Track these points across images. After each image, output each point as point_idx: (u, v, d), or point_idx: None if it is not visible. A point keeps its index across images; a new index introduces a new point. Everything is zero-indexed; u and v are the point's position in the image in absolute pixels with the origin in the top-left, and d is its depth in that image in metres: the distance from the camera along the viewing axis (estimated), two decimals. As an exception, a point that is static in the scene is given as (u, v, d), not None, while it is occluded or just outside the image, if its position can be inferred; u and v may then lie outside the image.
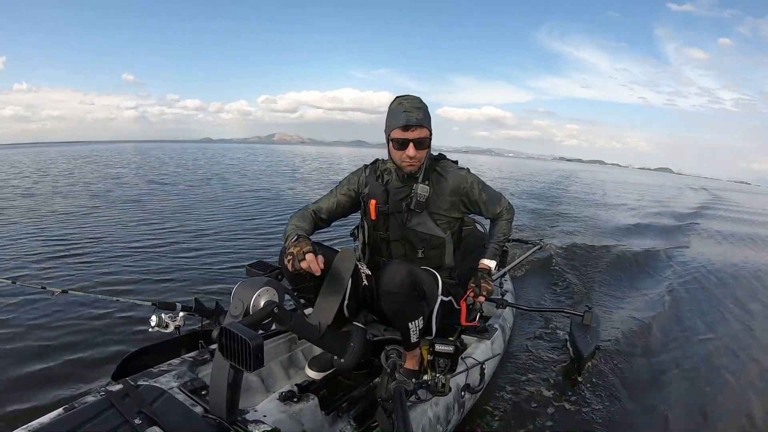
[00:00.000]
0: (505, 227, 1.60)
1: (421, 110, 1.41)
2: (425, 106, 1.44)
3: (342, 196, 1.60)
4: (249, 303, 1.07)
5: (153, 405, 1.06)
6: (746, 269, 4.89)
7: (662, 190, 22.49)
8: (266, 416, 1.15)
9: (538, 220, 7.59)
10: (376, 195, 1.54)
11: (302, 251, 1.25)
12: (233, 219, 6.40)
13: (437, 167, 1.54)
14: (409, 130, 1.40)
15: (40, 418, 1.01)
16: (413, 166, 1.47)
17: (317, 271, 1.23)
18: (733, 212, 12.21)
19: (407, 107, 1.41)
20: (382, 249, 1.59)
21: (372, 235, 1.59)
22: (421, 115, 1.41)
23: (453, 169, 1.55)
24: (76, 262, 3.85)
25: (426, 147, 1.45)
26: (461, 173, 1.54)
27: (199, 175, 14.09)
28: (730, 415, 2.03)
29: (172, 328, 1.45)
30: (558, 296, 3.59)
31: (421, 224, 1.51)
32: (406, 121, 1.39)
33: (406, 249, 1.55)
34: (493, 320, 2.08)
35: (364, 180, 1.60)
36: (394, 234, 1.54)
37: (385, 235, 1.56)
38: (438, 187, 1.51)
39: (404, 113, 1.40)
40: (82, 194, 8.49)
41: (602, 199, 13.48)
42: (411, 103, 1.42)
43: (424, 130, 1.42)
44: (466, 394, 1.59)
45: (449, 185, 1.52)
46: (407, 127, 1.40)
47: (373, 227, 1.57)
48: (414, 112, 1.40)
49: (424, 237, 1.51)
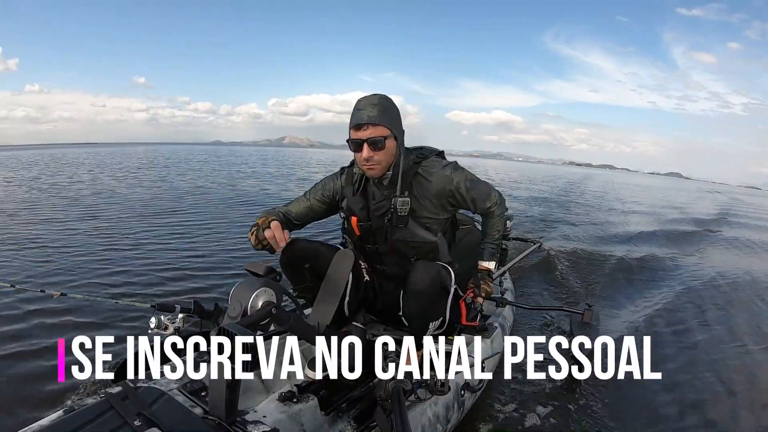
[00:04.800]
0: (498, 224, 1.54)
1: (377, 107, 1.30)
2: (386, 102, 1.32)
3: (315, 201, 1.53)
4: (247, 304, 1.07)
5: (152, 406, 1.07)
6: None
7: (677, 193, 22.52)
8: (266, 417, 1.15)
9: (545, 222, 7.57)
10: (356, 211, 1.47)
11: (267, 221, 1.20)
12: (232, 220, 6.40)
13: (419, 170, 1.42)
14: (361, 129, 1.30)
15: (40, 421, 1.01)
16: (373, 170, 1.36)
17: (281, 240, 1.18)
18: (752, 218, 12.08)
19: (360, 106, 1.31)
20: (374, 259, 1.56)
21: (360, 247, 1.55)
22: (375, 112, 1.29)
23: (437, 169, 1.43)
24: (75, 264, 3.85)
25: (382, 148, 1.32)
26: (446, 173, 1.42)
27: (203, 177, 14.09)
28: (730, 420, 2.03)
29: (171, 329, 1.44)
30: (558, 295, 3.59)
31: (409, 234, 1.44)
32: (356, 120, 1.30)
33: (398, 258, 1.51)
34: (492, 319, 2.08)
35: (340, 188, 1.51)
36: (383, 247, 1.50)
37: (373, 248, 1.52)
38: (421, 193, 1.41)
39: (356, 112, 1.31)
40: (84, 196, 8.48)
41: (615, 203, 13.45)
42: (366, 101, 1.31)
43: (378, 129, 1.30)
44: (466, 393, 1.59)
45: (433, 187, 1.42)
46: (359, 126, 1.30)
47: (359, 240, 1.52)
48: (366, 110, 1.29)
49: (415, 245, 1.46)
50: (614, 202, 13.44)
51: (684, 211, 12.09)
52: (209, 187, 11.04)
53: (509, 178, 23.08)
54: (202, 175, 14.89)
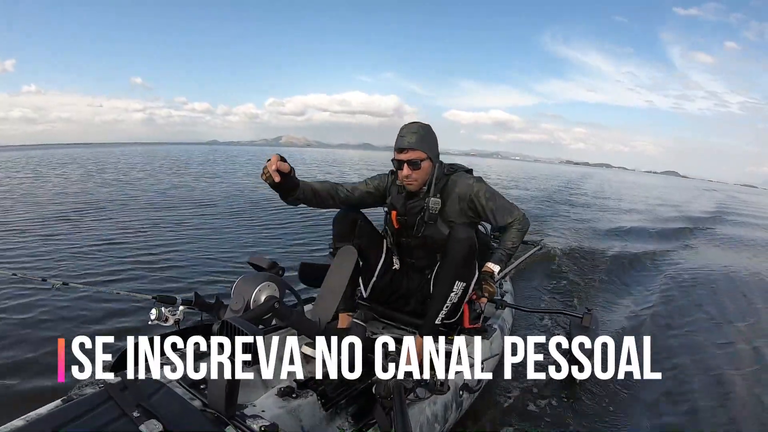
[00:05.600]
0: (515, 236, 1.65)
1: (416, 134, 1.55)
2: (423, 131, 1.57)
3: (371, 187, 1.73)
4: (250, 298, 1.07)
5: (151, 398, 1.06)
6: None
7: (672, 192, 22.50)
8: (265, 411, 1.15)
9: (542, 221, 7.57)
10: (397, 206, 1.69)
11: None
12: (235, 214, 6.41)
13: (449, 180, 1.65)
14: (402, 153, 1.56)
15: (38, 409, 1.01)
16: (411, 185, 1.61)
17: (272, 163, 1.30)
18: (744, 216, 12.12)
19: (402, 133, 1.57)
20: (406, 252, 1.77)
21: (396, 239, 1.76)
22: (414, 138, 1.54)
23: (462, 179, 1.65)
24: (77, 255, 3.86)
25: (419, 168, 1.57)
26: (469, 182, 1.64)
27: (205, 173, 14.09)
28: (730, 420, 2.03)
29: (172, 321, 1.45)
30: (557, 298, 3.58)
31: (436, 231, 1.64)
32: (399, 145, 1.57)
33: (426, 253, 1.71)
34: (492, 320, 2.08)
35: (389, 184, 1.74)
36: (414, 241, 1.70)
37: (407, 241, 1.72)
38: (448, 197, 1.64)
39: (399, 138, 1.57)
40: (87, 191, 8.49)
41: (611, 202, 13.46)
42: (407, 129, 1.57)
43: (416, 152, 1.55)
44: (465, 394, 1.59)
45: (457, 192, 1.63)
46: (401, 150, 1.56)
47: (397, 232, 1.73)
48: (407, 137, 1.55)
49: (441, 242, 1.62)
50: (605, 200, 13.38)
51: (680, 209, 12.13)
52: (214, 182, 11.06)
53: (507, 177, 23.06)
54: (208, 173, 14.90)
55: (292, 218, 6.16)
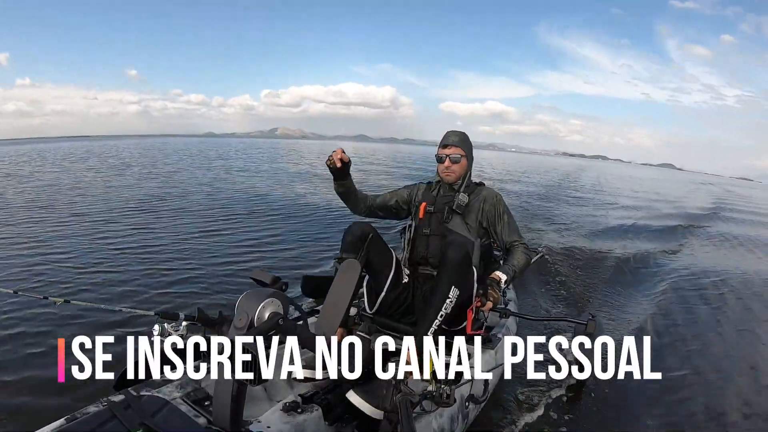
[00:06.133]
0: (522, 258, 1.79)
1: (458, 137, 1.89)
2: (465, 136, 1.92)
3: (399, 197, 2.01)
4: (254, 315, 1.06)
5: (155, 416, 1.06)
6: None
7: (667, 185, 22.50)
8: (270, 427, 1.14)
9: (537, 221, 7.56)
10: (427, 199, 1.95)
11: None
12: (237, 226, 6.39)
13: (477, 188, 1.93)
14: (447, 148, 1.88)
15: (42, 428, 1.01)
16: (450, 176, 1.89)
17: (338, 153, 1.68)
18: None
19: (448, 133, 1.91)
20: (422, 243, 1.91)
21: (416, 231, 1.93)
22: (457, 139, 1.88)
23: (489, 190, 1.94)
24: (78, 271, 3.85)
25: (458, 162, 1.86)
26: (493, 193, 1.91)
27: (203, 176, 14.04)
28: (731, 420, 2.01)
29: (174, 337, 1.44)
30: (559, 305, 3.57)
31: (456, 226, 1.85)
32: (444, 142, 1.89)
33: (441, 244, 1.81)
34: (497, 330, 2.07)
35: (417, 192, 2.00)
36: (434, 230, 1.89)
37: (427, 230, 1.90)
38: (474, 198, 1.89)
39: (445, 137, 1.90)
40: (84, 198, 8.50)
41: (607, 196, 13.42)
42: (452, 132, 1.92)
43: (458, 149, 1.87)
44: (471, 405, 1.58)
45: (482, 196, 1.90)
46: (445, 145, 1.88)
47: (418, 225, 1.92)
48: (452, 137, 1.89)
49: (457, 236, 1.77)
50: (602, 195, 13.35)
51: (677, 205, 12.13)
52: (214, 190, 11.03)
53: (503, 170, 23.00)
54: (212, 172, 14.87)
55: (294, 229, 6.16)
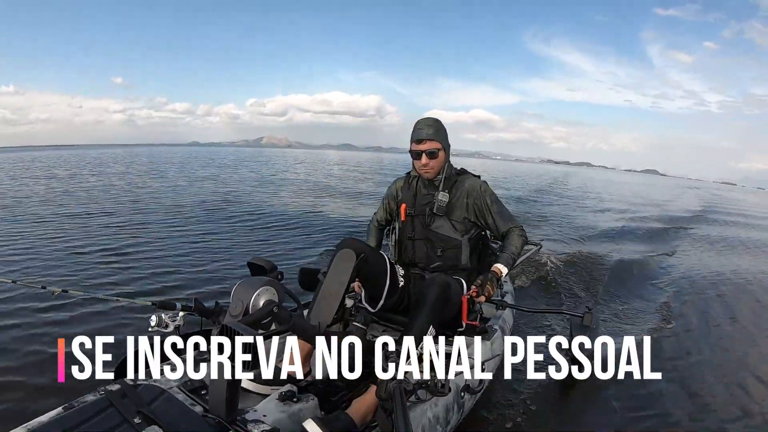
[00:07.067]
0: (518, 242, 1.71)
1: (432, 127, 1.70)
2: (438, 123, 1.72)
3: (387, 205, 1.93)
4: (249, 302, 1.07)
5: (152, 404, 1.06)
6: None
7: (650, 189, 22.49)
8: (266, 416, 1.15)
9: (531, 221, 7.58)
10: (406, 200, 1.84)
11: None
12: (232, 219, 6.40)
13: (458, 179, 1.79)
14: (421, 143, 1.70)
15: (39, 417, 1.01)
16: (428, 173, 1.74)
17: None
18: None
19: (420, 126, 1.71)
20: (408, 247, 1.83)
21: (401, 234, 1.85)
22: (431, 131, 1.69)
23: (471, 179, 1.80)
24: (76, 261, 3.85)
25: (436, 157, 1.70)
26: (477, 182, 1.78)
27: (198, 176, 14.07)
28: (731, 419, 2.03)
29: (171, 327, 1.44)
30: (557, 297, 3.58)
31: (441, 227, 1.76)
32: (417, 137, 1.70)
33: (427, 248, 1.79)
34: (492, 321, 2.08)
35: (397, 187, 1.90)
36: (419, 234, 1.80)
37: (411, 234, 1.81)
38: (456, 194, 1.76)
39: (417, 130, 1.71)
40: (80, 196, 8.49)
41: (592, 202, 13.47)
42: (423, 122, 1.71)
43: (433, 143, 1.69)
44: (466, 395, 1.59)
45: (465, 189, 1.76)
46: (419, 140, 1.70)
47: (402, 228, 1.83)
48: (425, 129, 1.69)
49: (443, 238, 1.75)
50: (590, 201, 13.38)
51: (665, 208, 12.19)
52: (210, 187, 11.05)
53: (489, 177, 23.01)
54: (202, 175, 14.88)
55: (290, 224, 6.17)
